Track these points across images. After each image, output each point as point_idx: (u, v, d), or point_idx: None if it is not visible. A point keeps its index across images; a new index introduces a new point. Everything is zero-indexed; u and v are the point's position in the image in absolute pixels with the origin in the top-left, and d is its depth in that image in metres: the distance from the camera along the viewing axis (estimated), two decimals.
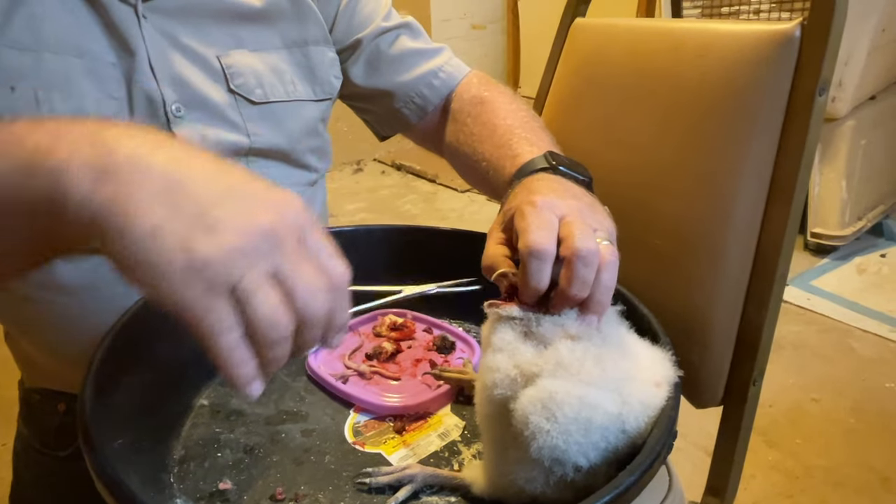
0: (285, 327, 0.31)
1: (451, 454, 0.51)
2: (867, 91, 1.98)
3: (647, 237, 0.61)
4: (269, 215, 0.31)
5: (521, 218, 0.44)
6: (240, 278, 0.29)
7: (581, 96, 0.71)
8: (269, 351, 0.31)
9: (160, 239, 0.29)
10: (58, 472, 0.68)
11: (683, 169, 0.58)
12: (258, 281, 0.30)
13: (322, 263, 0.32)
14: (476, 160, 0.64)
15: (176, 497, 0.46)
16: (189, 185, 0.30)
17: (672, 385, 0.44)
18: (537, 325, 0.42)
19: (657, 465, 0.39)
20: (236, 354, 0.30)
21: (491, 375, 0.41)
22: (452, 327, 0.67)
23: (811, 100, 0.51)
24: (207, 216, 0.30)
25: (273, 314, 0.30)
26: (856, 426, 1.38)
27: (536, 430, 0.39)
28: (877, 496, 1.20)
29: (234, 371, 0.30)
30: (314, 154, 0.71)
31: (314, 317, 0.32)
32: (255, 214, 0.31)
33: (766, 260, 0.55)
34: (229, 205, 0.30)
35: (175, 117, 0.59)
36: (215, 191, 0.31)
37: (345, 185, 2.84)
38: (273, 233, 0.30)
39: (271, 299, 0.30)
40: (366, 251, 0.69)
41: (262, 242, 0.30)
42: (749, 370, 0.56)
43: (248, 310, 0.30)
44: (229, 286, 0.29)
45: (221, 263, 0.29)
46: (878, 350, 1.62)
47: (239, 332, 0.30)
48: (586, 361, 0.40)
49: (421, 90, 0.71)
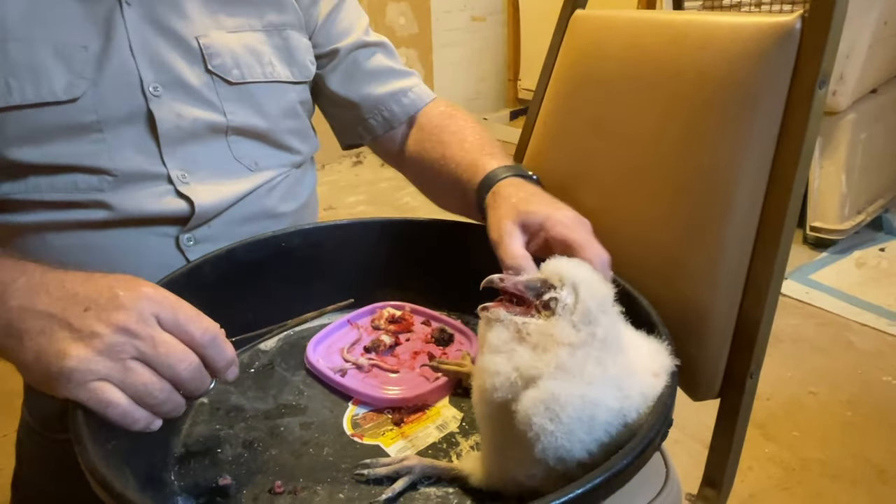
0: (160, 391, 0.41)
1: (449, 445, 0.51)
2: (868, 84, 1.97)
3: (646, 230, 0.61)
4: (122, 316, 0.41)
5: (568, 231, 0.51)
6: (109, 370, 0.40)
7: (581, 88, 0.71)
8: (157, 409, 0.41)
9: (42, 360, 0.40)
10: (60, 457, 0.69)
11: (683, 162, 0.58)
12: (128, 366, 0.40)
13: (183, 331, 0.42)
14: (444, 163, 0.68)
15: (177, 495, 0.46)
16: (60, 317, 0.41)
17: (669, 374, 0.44)
18: (527, 332, 0.42)
19: (651, 450, 0.39)
20: (126, 419, 0.41)
21: (490, 379, 0.41)
22: (451, 319, 0.67)
23: (811, 93, 0.51)
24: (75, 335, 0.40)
25: (144, 388, 0.40)
26: (853, 419, 1.38)
27: (540, 431, 0.39)
28: (872, 488, 1.21)
29: (130, 427, 0.41)
30: (294, 136, 0.72)
31: (183, 378, 0.42)
32: (110, 321, 0.40)
33: (765, 253, 0.55)
34: (90, 322, 0.40)
35: (153, 96, 0.61)
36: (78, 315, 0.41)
37: (344, 178, 2.83)
38: (127, 330, 0.40)
39: (140, 378, 0.40)
40: (364, 244, 0.70)
41: (118, 340, 0.40)
42: (746, 363, 0.56)
43: (127, 387, 0.40)
44: (102, 377, 0.40)
45: (89, 363, 0.40)
46: (877, 344, 1.63)
47: (122, 406, 0.40)
48: (587, 362, 0.40)
49: (390, 105, 0.75)
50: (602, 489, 0.36)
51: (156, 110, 0.61)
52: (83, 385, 0.40)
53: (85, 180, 0.60)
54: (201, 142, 0.64)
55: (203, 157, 0.65)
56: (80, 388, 0.40)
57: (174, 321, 0.42)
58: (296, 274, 0.65)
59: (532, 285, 0.43)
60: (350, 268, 0.69)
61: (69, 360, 0.40)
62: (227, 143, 0.66)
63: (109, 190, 0.60)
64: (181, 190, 0.63)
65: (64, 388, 0.40)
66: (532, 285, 0.43)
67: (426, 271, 0.68)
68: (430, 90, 0.78)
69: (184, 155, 0.63)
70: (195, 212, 0.63)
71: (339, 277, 0.68)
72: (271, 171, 0.70)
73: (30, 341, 0.41)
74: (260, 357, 0.62)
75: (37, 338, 0.41)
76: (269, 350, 0.64)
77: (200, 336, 0.42)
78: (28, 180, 0.59)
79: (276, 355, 0.63)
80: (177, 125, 0.62)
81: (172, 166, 0.63)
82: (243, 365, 0.61)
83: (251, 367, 0.61)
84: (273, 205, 0.70)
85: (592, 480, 0.35)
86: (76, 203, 0.60)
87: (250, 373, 0.60)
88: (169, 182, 0.63)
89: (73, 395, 0.40)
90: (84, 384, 0.40)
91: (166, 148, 0.62)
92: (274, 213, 0.70)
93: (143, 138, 0.61)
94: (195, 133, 0.64)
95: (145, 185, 0.62)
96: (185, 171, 0.63)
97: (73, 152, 0.59)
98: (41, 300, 0.42)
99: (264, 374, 0.60)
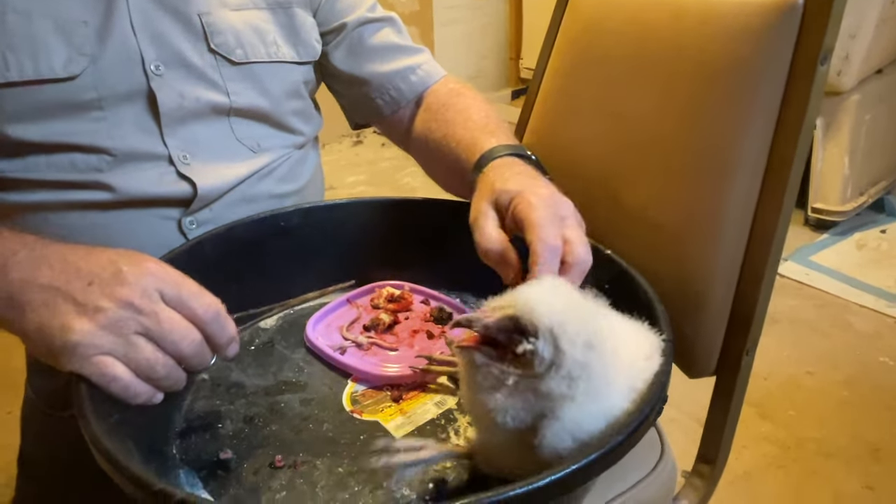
0: (163, 366, 0.42)
1: (447, 422, 0.52)
2: (874, 65, 1.95)
3: (645, 209, 0.61)
4: (125, 291, 0.41)
5: (529, 209, 0.47)
6: (113, 345, 0.40)
7: (581, 66, 0.70)
8: (159, 384, 0.42)
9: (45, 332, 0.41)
10: (63, 433, 0.70)
11: (683, 139, 0.58)
12: (131, 341, 0.41)
13: (186, 307, 0.42)
14: (446, 143, 0.66)
15: (178, 468, 0.47)
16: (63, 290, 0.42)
17: (661, 352, 0.44)
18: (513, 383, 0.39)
19: (646, 426, 0.39)
20: (129, 392, 0.41)
21: (500, 416, 0.39)
22: (449, 298, 0.67)
23: (813, 69, 0.50)
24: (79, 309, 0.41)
25: (147, 363, 0.41)
26: (849, 399, 1.40)
27: (568, 455, 0.38)
28: (867, 467, 1.22)
29: (132, 400, 0.42)
30: (298, 117, 0.71)
31: (185, 353, 0.42)
32: (113, 296, 0.41)
33: (763, 232, 0.55)
34: (93, 296, 0.41)
35: (154, 75, 0.60)
36: (81, 290, 0.41)
37: (344, 157, 2.82)
38: (131, 305, 0.41)
39: (143, 353, 0.41)
40: (364, 224, 0.70)
41: (122, 315, 0.41)
42: (743, 340, 0.57)
43: (129, 361, 0.41)
44: (105, 352, 0.40)
45: (93, 337, 0.40)
46: (875, 325, 1.63)
47: (125, 380, 0.41)
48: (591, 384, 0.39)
49: (397, 84, 0.72)
50: (598, 465, 0.37)
51: (157, 90, 0.60)
52: (87, 359, 0.40)
53: (83, 160, 0.59)
54: (203, 122, 0.64)
55: (204, 138, 0.64)
56: (84, 362, 0.40)
57: (177, 297, 0.42)
58: (295, 253, 0.66)
59: (503, 326, 0.39)
60: (349, 247, 0.69)
61: (73, 335, 0.40)
62: (230, 123, 0.66)
63: (108, 170, 0.60)
64: (182, 171, 0.62)
65: (67, 361, 0.40)
66: (503, 326, 0.39)
67: (425, 251, 0.68)
68: (439, 68, 0.75)
69: (185, 135, 0.63)
70: (197, 194, 0.63)
71: (339, 256, 0.69)
72: (273, 153, 0.69)
73: (32, 313, 0.41)
74: (260, 335, 0.63)
75: (39, 310, 0.41)
76: (269, 328, 0.64)
77: (203, 312, 0.43)
78: (26, 159, 0.59)
79: (275, 333, 0.63)
80: (179, 105, 0.61)
81: (173, 147, 0.62)
82: (243, 342, 0.62)
83: (251, 345, 0.61)
84: (275, 186, 0.70)
85: (588, 457, 0.36)
86: (75, 183, 0.60)
87: (250, 350, 0.61)
88: (170, 163, 0.62)
89: (77, 368, 0.41)
90: (87, 358, 0.40)
91: (167, 128, 0.61)
92: (275, 195, 0.70)
93: (143, 117, 0.61)
94: (197, 113, 0.63)
95: (146, 165, 0.61)
96: (186, 151, 0.63)
97: (71, 130, 0.58)
98: (43, 273, 0.42)
99: (264, 352, 0.60)
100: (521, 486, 0.34)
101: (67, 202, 0.60)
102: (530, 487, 0.34)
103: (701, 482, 0.64)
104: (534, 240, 0.45)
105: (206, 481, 0.46)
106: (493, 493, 0.33)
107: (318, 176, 0.79)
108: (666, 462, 0.58)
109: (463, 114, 0.67)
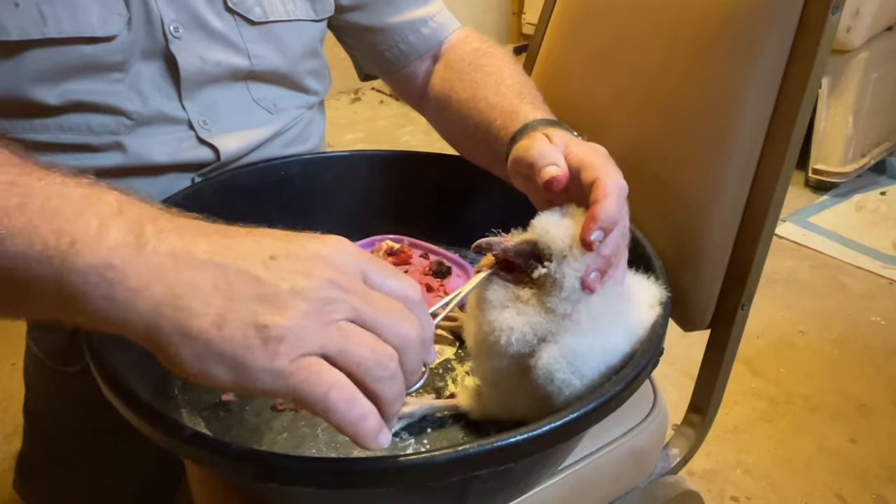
0: (390, 358, 0.30)
1: (445, 371, 0.53)
2: (884, 21, 1.90)
3: (645, 162, 0.61)
4: (324, 268, 0.29)
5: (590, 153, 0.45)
6: (324, 338, 0.28)
7: (584, 18, 0.68)
8: (384, 392, 0.30)
9: (227, 328, 0.27)
10: (68, 387, 0.71)
11: (688, 91, 0.57)
12: (344, 330, 0.29)
13: (390, 289, 0.31)
14: (474, 106, 0.61)
15: (181, 408, 0.48)
16: (236, 267, 0.29)
17: (662, 304, 0.45)
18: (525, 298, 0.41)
19: (642, 377, 0.40)
20: (354, 410, 0.28)
21: (505, 335, 0.41)
22: (448, 253, 0.68)
23: (824, 18, 0.49)
24: (266, 291, 0.28)
25: (373, 352, 0.29)
26: (839, 357, 1.42)
27: (564, 385, 0.40)
28: (851, 420, 1.26)
29: (357, 427, 0.29)
30: (313, 76, 0.69)
31: (409, 339, 0.30)
32: (311, 273, 0.29)
33: (764, 186, 0.55)
34: (283, 273, 0.29)
35: (173, 37, 0.58)
36: (262, 265, 0.29)
37: (342, 115, 2.77)
38: (335, 283, 0.29)
39: (365, 341, 0.29)
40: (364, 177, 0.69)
41: (328, 295, 0.29)
42: (738, 295, 0.57)
43: (348, 358, 0.28)
44: (315, 350, 0.28)
45: (299, 329, 0.28)
46: (868, 286, 1.65)
47: (349, 389, 0.28)
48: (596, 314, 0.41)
49: (407, 36, 0.68)
50: (595, 414, 0.38)
51: (178, 53, 0.58)
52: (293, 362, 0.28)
53: (100, 122, 0.57)
54: (221, 85, 0.62)
55: (222, 101, 0.62)
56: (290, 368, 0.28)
57: (380, 277, 0.31)
58: (295, 203, 0.66)
59: (521, 251, 0.42)
60: (349, 200, 0.69)
61: (271, 330, 0.27)
62: (247, 85, 0.64)
63: (126, 133, 0.58)
64: (203, 136, 0.61)
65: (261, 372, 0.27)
66: (521, 251, 0.42)
67: (425, 205, 0.68)
68: (454, 19, 0.70)
69: (203, 99, 0.61)
70: (220, 158, 0.62)
71: (339, 209, 0.69)
72: (289, 114, 0.68)
73: (198, 304, 0.28)
74: None
75: (209, 298, 0.28)
76: None
77: (412, 294, 0.32)
78: (38, 120, 0.56)
79: None
80: (200, 69, 0.59)
81: (192, 111, 0.60)
82: None
83: None
84: (285, 149, 0.68)
85: (586, 406, 0.37)
86: (90, 146, 0.58)
87: None
88: (189, 128, 0.60)
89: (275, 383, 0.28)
90: (294, 361, 0.28)
91: (186, 92, 0.59)
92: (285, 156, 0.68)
93: (162, 81, 0.58)
94: (217, 77, 0.61)
95: (164, 129, 0.59)
96: (205, 116, 0.61)
97: (89, 90, 0.55)
98: (199, 244, 0.30)
99: None
100: (521, 432, 0.35)
101: (80, 167, 0.58)
102: (530, 434, 0.35)
103: (691, 431, 0.66)
104: (600, 176, 0.42)
105: (208, 422, 0.48)
106: (494, 438, 0.34)
107: (323, 136, 0.78)
108: (658, 411, 0.59)
109: (494, 77, 0.62)
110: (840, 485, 1.13)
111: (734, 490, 1.13)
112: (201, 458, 0.34)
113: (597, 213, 0.40)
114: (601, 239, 0.40)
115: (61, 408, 0.73)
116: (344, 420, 0.28)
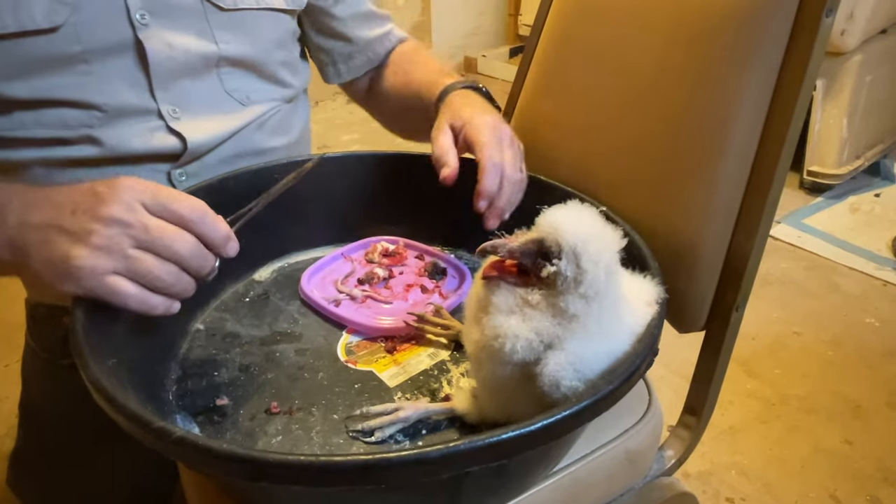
0: (168, 273, 0.43)
1: (440, 372, 0.53)
2: (878, 24, 1.91)
3: (640, 163, 0.61)
4: (109, 206, 0.42)
5: (477, 132, 0.57)
6: (114, 263, 0.41)
7: (580, 19, 0.68)
8: (171, 290, 0.43)
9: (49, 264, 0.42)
10: (63, 381, 0.71)
11: (683, 93, 0.57)
12: (129, 256, 0.42)
13: (170, 211, 0.43)
14: (408, 86, 0.74)
15: (175, 413, 0.48)
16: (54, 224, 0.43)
17: (659, 303, 0.45)
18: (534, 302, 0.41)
19: (636, 377, 0.40)
20: (145, 306, 0.43)
21: (510, 342, 0.40)
22: (444, 254, 0.68)
23: (818, 21, 0.49)
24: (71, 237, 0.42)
25: (151, 273, 0.42)
26: (834, 358, 1.43)
27: (570, 392, 0.39)
28: (846, 422, 1.26)
29: (150, 312, 0.43)
30: (286, 68, 0.71)
31: (184, 256, 0.43)
32: (99, 216, 0.42)
33: (759, 187, 0.55)
34: (81, 221, 0.42)
35: (141, 25, 0.58)
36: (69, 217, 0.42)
37: (338, 116, 2.77)
38: (119, 221, 0.42)
39: (144, 264, 0.42)
40: (359, 178, 0.69)
41: (112, 233, 0.41)
42: (734, 296, 0.57)
43: (135, 275, 0.42)
44: (110, 271, 0.41)
45: (94, 258, 0.41)
46: (863, 287, 1.66)
47: (138, 295, 0.42)
48: (604, 317, 0.40)
49: (375, 48, 0.78)
50: (588, 411, 0.38)
51: (146, 40, 0.58)
52: (95, 280, 0.41)
53: (73, 116, 0.58)
54: (193, 75, 0.62)
55: (194, 92, 0.63)
56: (93, 285, 0.41)
57: (159, 204, 0.43)
58: (290, 205, 0.65)
59: (528, 251, 0.41)
60: (344, 201, 0.69)
61: (74, 261, 0.41)
62: (219, 75, 0.64)
63: (98, 126, 0.59)
64: (172, 126, 0.61)
65: (77, 287, 0.42)
66: (528, 251, 0.41)
67: (420, 206, 0.68)
68: (402, 32, 0.82)
69: (175, 89, 0.61)
70: (187, 148, 0.62)
71: (333, 210, 0.68)
72: (263, 106, 0.68)
73: (35, 253, 0.43)
74: (254, 287, 0.63)
75: (40, 248, 0.42)
76: (264, 280, 0.64)
77: (189, 213, 0.43)
78: (13, 116, 0.57)
79: (270, 286, 0.64)
80: (168, 56, 0.60)
81: (163, 101, 0.61)
82: (238, 294, 0.62)
83: (246, 297, 0.62)
84: (263, 140, 0.69)
85: (579, 404, 0.37)
86: (65, 140, 0.59)
87: (245, 301, 0.61)
88: (159, 117, 0.61)
89: (89, 292, 0.42)
90: (95, 279, 0.41)
91: (157, 81, 0.60)
92: (264, 149, 0.69)
93: (132, 71, 0.59)
94: (187, 65, 0.61)
95: (135, 120, 0.60)
96: (175, 105, 0.62)
97: (58, 85, 0.57)
98: (34, 214, 0.43)
99: (259, 304, 0.61)
100: (513, 429, 0.34)
101: (56, 159, 0.59)
102: (522, 431, 0.35)
103: (686, 433, 0.66)
104: (481, 157, 0.55)
105: (202, 426, 0.47)
106: (486, 434, 0.34)
107: (307, 132, 0.78)
108: (653, 412, 0.59)
109: (422, 64, 0.75)
110: (835, 486, 1.13)
111: (729, 491, 1.13)
112: (188, 458, 0.34)
113: (480, 190, 0.55)
114: (487, 206, 0.56)
115: (56, 402, 0.74)
116: (140, 311, 0.43)
